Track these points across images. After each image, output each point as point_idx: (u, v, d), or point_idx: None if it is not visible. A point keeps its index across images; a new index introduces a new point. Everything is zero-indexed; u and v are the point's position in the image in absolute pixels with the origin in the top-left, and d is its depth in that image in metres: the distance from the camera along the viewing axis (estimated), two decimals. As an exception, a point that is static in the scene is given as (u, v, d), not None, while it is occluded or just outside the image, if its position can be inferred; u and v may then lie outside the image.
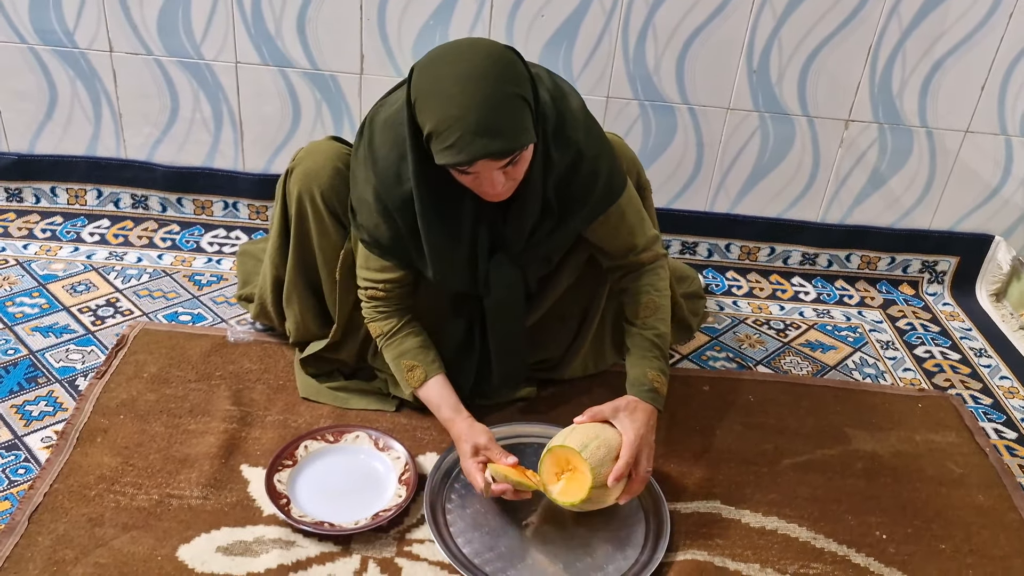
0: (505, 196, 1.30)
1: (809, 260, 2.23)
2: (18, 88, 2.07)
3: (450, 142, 1.17)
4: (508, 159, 1.20)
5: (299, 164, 1.54)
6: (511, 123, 1.18)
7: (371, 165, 1.38)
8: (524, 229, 1.40)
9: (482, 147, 1.16)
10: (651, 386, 1.41)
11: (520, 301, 1.51)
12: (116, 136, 2.12)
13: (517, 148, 1.20)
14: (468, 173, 1.23)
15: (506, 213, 1.37)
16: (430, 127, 1.19)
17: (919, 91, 2.01)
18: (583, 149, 1.37)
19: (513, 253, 1.43)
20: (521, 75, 1.22)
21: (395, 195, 1.36)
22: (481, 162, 1.19)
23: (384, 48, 1.97)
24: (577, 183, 1.39)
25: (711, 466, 1.54)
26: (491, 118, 1.16)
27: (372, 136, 1.38)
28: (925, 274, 2.24)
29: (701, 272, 2.18)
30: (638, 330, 1.49)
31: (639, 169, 1.57)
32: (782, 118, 2.05)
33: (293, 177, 1.54)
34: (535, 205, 1.36)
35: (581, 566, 1.32)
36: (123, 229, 2.15)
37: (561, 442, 1.33)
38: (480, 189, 1.27)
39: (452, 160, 1.18)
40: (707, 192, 2.15)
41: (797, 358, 1.92)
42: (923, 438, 1.66)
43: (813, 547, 1.39)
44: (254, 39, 1.98)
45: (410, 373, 1.48)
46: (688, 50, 1.97)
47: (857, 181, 2.13)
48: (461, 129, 1.16)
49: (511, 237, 1.41)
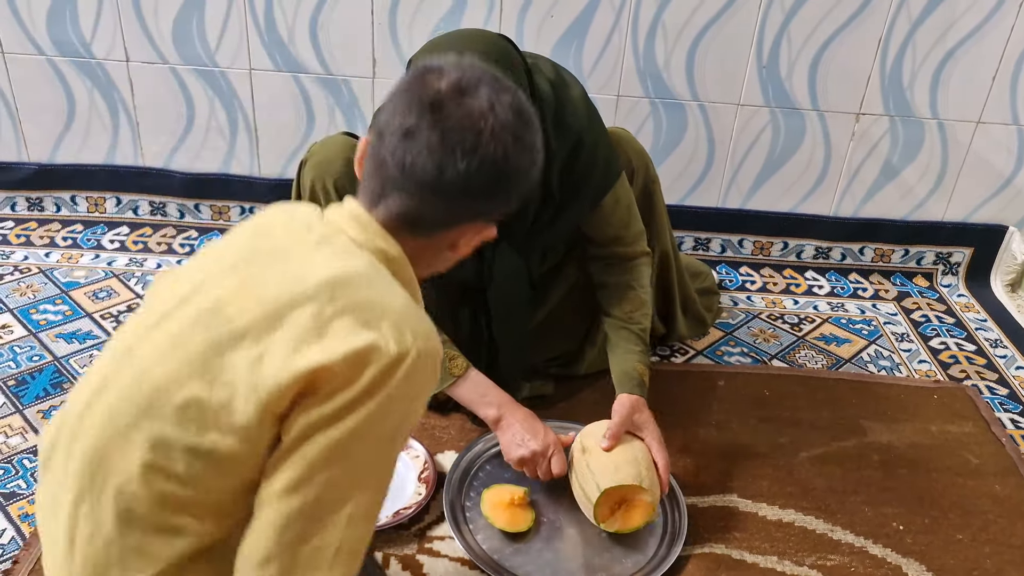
0: None
1: (822, 254, 2.23)
2: (38, 100, 2.10)
3: None
4: None
5: (312, 156, 1.56)
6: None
7: None
8: (526, 217, 1.42)
9: None
10: (640, 380, 1.45)
11: (524, 291, 1.53)
12: (134, 144, 2.16)
13: None
14: None
15: None
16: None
17: (930, 82, 2.01)
18: (583, 136, 1.40)
19: (516, 242, 1.45)
20: (515, 62, 1.27)
21: None
22: None
23: (396, 52, 2.00)
24: (577, 170, 1.41)
25: (727, 460, 1.56)
26: None
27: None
28: (939, 266, 2.24)
29: (714, 268, 2.19)
30: (622, 324, 1.50)
31: (648, 163, 1.60)
32: (792, 112, 2.05)
33: (306, 168, 1.57)
34: (536, 193, 1.38)
35: (600, 561, 1.33)
36: (142, 236, 2.18)
37: (612, 481, 1.31)
38: None
39: None
40: (719, 188, 2.16)
41: (812, 352, 1.92)
42: (939, 429, 1.67)
43: (830, 539, 1.40)
44: (267, 46, 2.01)
45: (452, 363, 1.48)
46: (698, 46, 1.98)
47: (869, 174, 2.14)
48: None
49: (513, 225, 1.42)
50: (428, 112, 0.86)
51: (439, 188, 0.86)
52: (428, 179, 0.86)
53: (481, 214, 0.94)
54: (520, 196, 0.93)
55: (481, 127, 0.86)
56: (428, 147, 0.85)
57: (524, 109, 0.90)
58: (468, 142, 0.85)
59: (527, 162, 0.91)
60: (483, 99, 0.87)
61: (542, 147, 0.93)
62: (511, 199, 0.93)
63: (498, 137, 0.86)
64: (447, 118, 0.85)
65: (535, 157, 0.92)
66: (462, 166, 0.85)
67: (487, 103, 0.86)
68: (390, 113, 0.88)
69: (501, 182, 0.89)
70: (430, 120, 0.85)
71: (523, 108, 0.90)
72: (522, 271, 1.50)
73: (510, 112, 0.88)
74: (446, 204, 0.89)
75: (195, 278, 0.88)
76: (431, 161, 0.85)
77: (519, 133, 0.88)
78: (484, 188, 0.88)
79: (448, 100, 0.86)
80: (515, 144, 0.88)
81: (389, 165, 0.88)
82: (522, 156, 0.89)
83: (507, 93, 0.89)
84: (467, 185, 0.86)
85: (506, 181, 0.90)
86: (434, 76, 0.88)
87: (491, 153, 0.86)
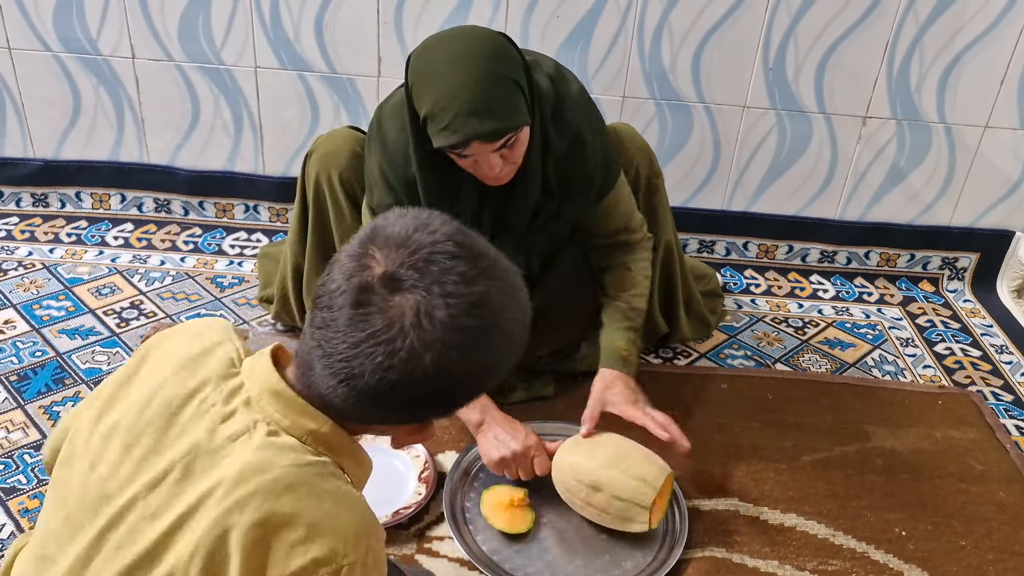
0: (505, 180, 1.33)
1: (828, 258, 2.22)
2: (44, 95, 2.10)
3: (444, 123, 1.20)
4: (502, 141, 1.23)
5: (318, 148, 1.59)
6: (502, 104, 1.21)
7: (380, 147, 1.42)
8: (526, 212, 1.42)
9: (473, 128, 1.19)
10: (619, 355, 1.46)
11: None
12: (139, 141, 2.16)
13: (509, 129, 1.22)
14: (466, 156, 1.26)
15: (508, 197, 1.39)
16: (426, 110, 1.23)
17: (937, 86, 2.00)
18: (583, 132, 1.41)
19: (515, 237, 1.45)
20: (513, 58, 1.26)
21: (401, 176, 1.40)
22: (475, 144, 1.22)
23: (401, 51, 1.99)
24: (577, 166, 1.42)
25: (729, 464, 1.55)
26: (482, 98, 1.19)
27: (381, 121, 1.43)
28: (945, 271, 2.23)
29: (719, 271, 2.18)
30: (613, 302, 1.52)
31: (651, 157, 1.61)
32: (799, 115, 2.04)
33: (312, 160, 1.59)
34: (536, 188, 1.39)
35: (599, 563, 1.33)
36: (146, 233, 2.18)
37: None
38: (480, 173, 1.30)
39: (447, 142, 1.21)
40: (724, 190, 2.15)
41: (816, 356, 1.91)
42: (943, 435, 1.66)
43: (832, 544, 1.39)
44: (272, 44, 2.01)
45: None
46: (704, 48, 1.97)
47: (875, 178, 2.13)
48: (455, 110, 1.19)
49: (513, 221, 1.43)
50: (350, 303, 0.71)
51: (354, 390, 0.73)
52: (342, 377, 0.73)
53: (413, 420, 0.82)
54: (481, 390, 0.80)
55: (397, 346, 0.70)
56: (345, 342, 0.72)
57: (476, 304, 0.72)
58: (380, 355, 0.70)
59: (475, 365, 0.74)
60: (410, 302, 0.70)
61: (514, 327, 0.77)
62: (454, 405, 0.80)
63: (416, 355, 0.70)
64: (365, 318, 0.71)
65: (491, 356, 0.75)
66: (372, 380, 0.71)
67: (413, 308, 0.70)
68: (332, 272, 0.75)
69: (422, 400, 0.75)
70: (349, 314, 0.71)
71: (474, 304, 0.72)
72: (520, 266, 1.49)
73: (446, 315, 0.70)
74: (363, 408, 0.76)
75: (114, 460, 0.79)
76: (344, 360, 0.72)
77: (456, 342, 0.71)
78: (402, 404, 0.75)
79: (375, 293, 0.71)
80: (444, 357, 0.71)
81: (307, 339, 0.76)
82: (465, 363, 0.73)
83: (453, 282, 0.71)
84: (381, 399, 0.74)
85: (433, 397, 0.75)
86: (377, 247, 0.73)
87: (407, 370, 0.71)
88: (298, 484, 0.75)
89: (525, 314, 0.79)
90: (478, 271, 0.73)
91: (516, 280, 0.79)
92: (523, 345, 0.79)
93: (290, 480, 0.75)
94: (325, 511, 0.75)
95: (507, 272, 0.77)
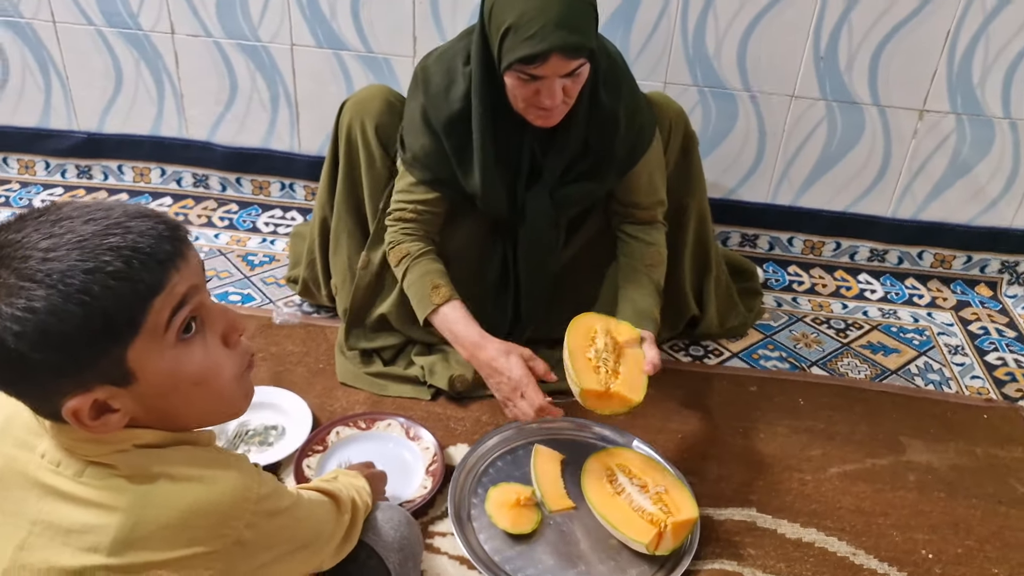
0: (556, 119, 1.36)
1: (878, 256, 2.12)
2: (87, 68, 2.13)
3: (531, 32, 1.25)
4: (575, 64, 1.28)
5: (352, 98, 1.62)
6: (586, 24, 1.29)
7: (424, 90, 1.47)
8: (561, 163, 1.46)
9: (560, 38, 1.24)
10: (651, 316, 1.49)
11: (551, 235, 1.55)
12: (178, 116, 2.17)
13: (588, 47, 1.28)
14: (535, 78, 1.29)
15: (548, 142, 1.44)
16: (511, 20, 1.27)
17: (1003, 80, 1.88)
18: (625, 98, 1.45)
19: (547, 186, 1.48)
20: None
21: (443, 115, 1.44)
22: (554, 58, 1.25)
23: (437, 31, 1.95)
24: (616, 131, 1.46)
25: (750, 471, 1.48)
26: (570, 15, 1.26)
27: (427, 67, 1.49)
28: (1005, 275, 2.11)
29: (761, 266, 2.10)
30: (645, 274, 1.54)
31: (686, 121, 1.65)
32: (851, 107, 1.94)
33: (345, 108, 1.62)
34: (577, 141, 1.44)
35: (604, 569, 1.29)
36: (184, 207, 2.20)
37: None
38: (538, 102, 1.32)
39: (530, 51, 1.25)
40: (769, 183, 2.06)
41: (856, 360, 1.83)
42: (984, 451, 1.57)
43: (851, 563, 1.32)
44: (309, 22, 1.99)
45: (435, 291, 1.47)
46: (751, 34, 1.88)
47: (932, 175, 2.01)
48: (543, 20, 1.24)
49: (549, 167, 1.47)
50: None
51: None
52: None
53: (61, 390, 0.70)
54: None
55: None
56: None
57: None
58: None
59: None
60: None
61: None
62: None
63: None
64: None
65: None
66: None
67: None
68: None
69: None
70: None
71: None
72: (551, 214, 1.52)
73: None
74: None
75: None
76: None
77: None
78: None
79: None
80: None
81: None
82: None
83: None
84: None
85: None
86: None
87: None
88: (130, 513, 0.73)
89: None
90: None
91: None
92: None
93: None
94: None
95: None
